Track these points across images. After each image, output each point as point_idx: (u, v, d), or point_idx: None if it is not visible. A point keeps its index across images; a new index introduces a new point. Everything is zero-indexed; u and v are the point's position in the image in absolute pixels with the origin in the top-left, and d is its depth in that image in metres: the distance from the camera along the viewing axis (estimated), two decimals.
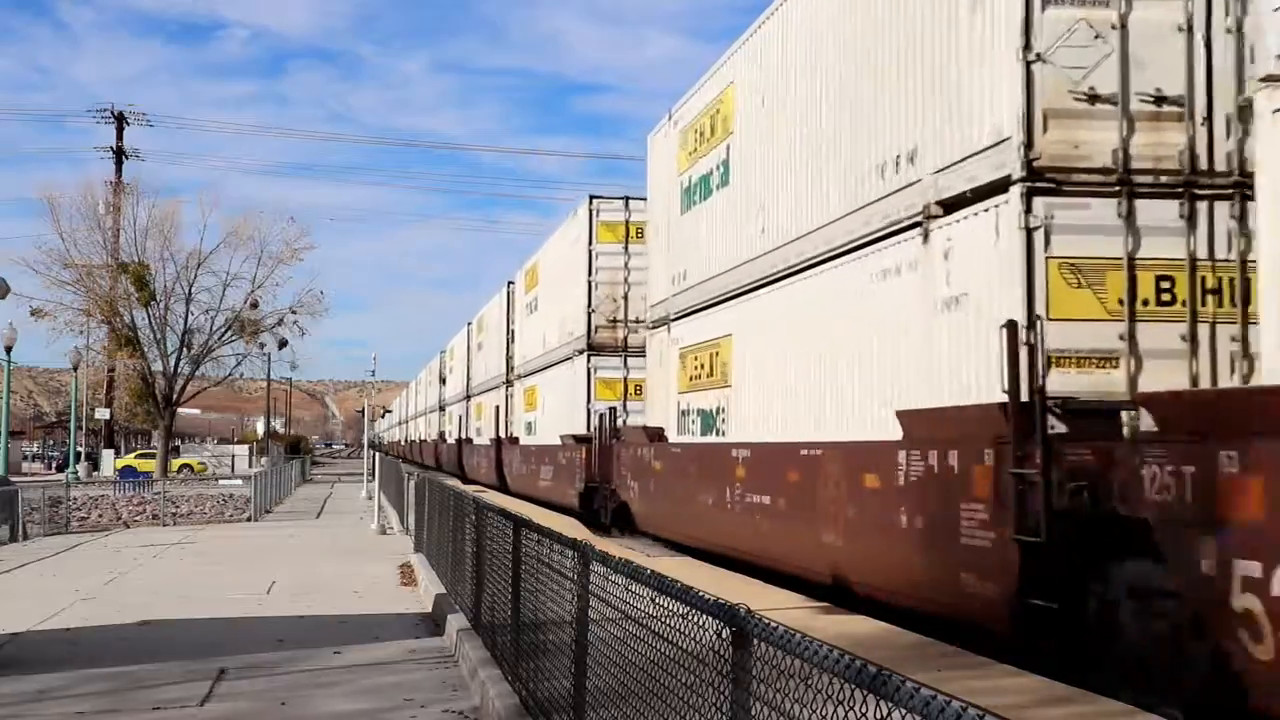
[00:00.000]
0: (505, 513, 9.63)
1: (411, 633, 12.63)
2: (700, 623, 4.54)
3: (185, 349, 49.86)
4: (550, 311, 31.98)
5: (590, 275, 27.15)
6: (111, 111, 61.05)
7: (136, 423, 65.15)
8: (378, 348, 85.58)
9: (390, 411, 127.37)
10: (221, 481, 46.49)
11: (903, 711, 2.85)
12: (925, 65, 11.11)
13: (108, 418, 60.49)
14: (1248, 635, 6.96)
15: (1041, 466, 8.65)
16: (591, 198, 27.53)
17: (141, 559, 21.01)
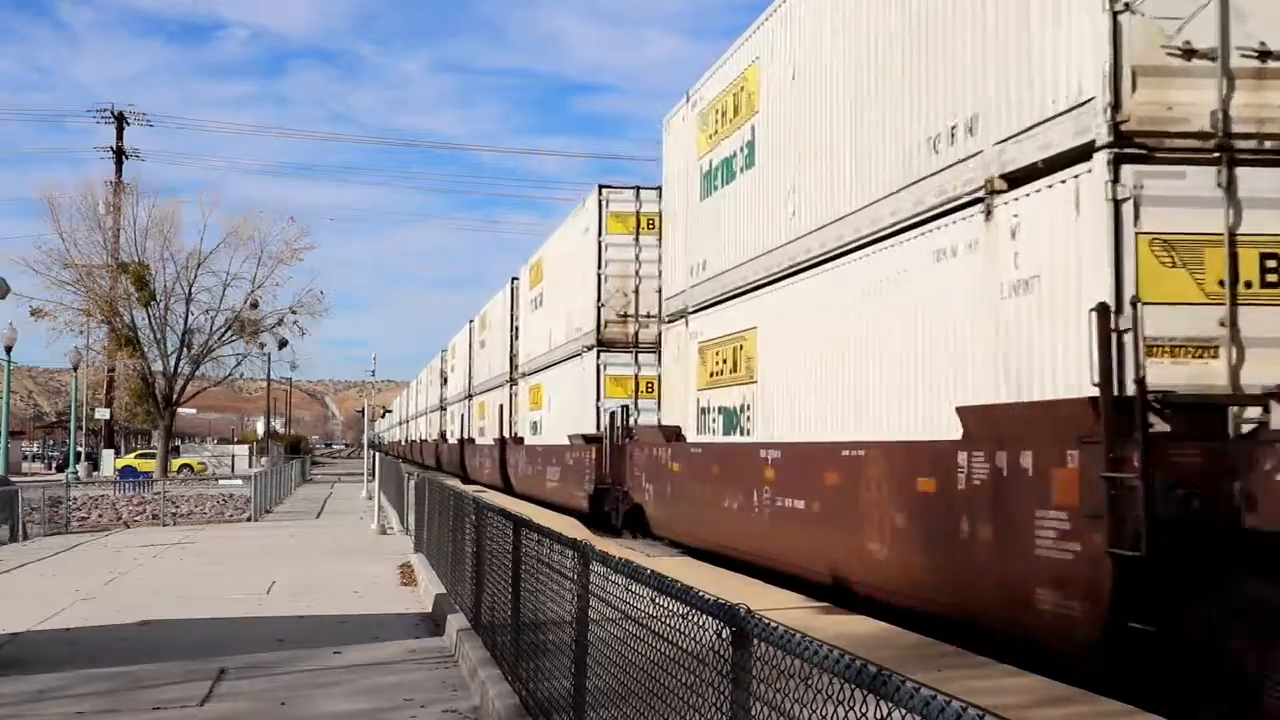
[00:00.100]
0: (505, 512, 9.57)
1: (411, 633, 12.59)
2: (700, 623, 4.54)
3: (185, 349, 49.87)
4: (557, 307, 30.92)
5: (600, 268, 26.13)
6: (111, 111, 61.07)
7: (136, 423, 65.48)
8: (378, 348, 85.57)
9: (390, 411, 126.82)
10: (221, 481, 46.55)
11: (903, 711, 2.82)
12: (989, 17, 9.99)
13: (108, 418, 60.68)
14: None
15: (1141, 470, 7.55)
16: (601, 187, 26.47)
17: (141, 559, 20.88)
